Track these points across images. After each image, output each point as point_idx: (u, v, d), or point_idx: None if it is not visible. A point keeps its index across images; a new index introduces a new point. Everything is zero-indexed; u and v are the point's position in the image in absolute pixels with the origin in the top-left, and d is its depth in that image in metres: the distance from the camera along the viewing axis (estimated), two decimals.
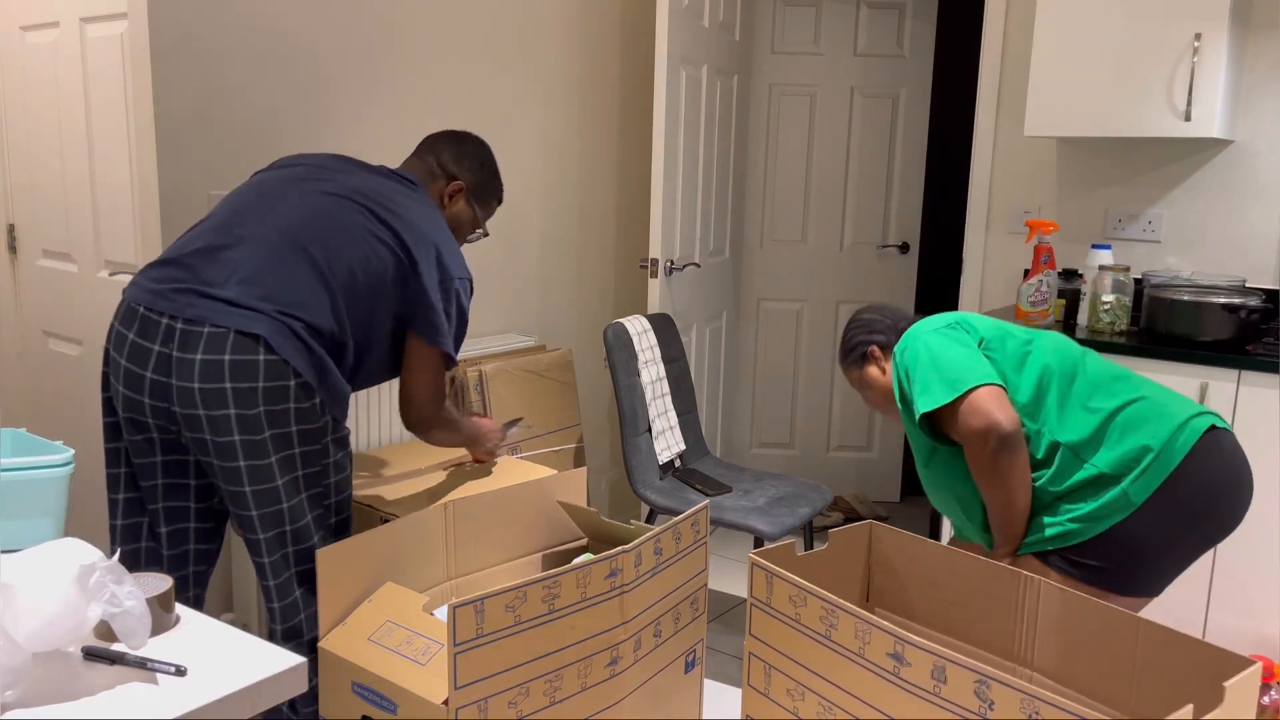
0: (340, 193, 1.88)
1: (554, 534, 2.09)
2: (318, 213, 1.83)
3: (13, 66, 2.84)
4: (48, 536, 1.33)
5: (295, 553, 1.79)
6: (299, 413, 1.74)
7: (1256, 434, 2.46)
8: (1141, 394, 1.86)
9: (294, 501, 1.77)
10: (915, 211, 4.04)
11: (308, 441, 1.77)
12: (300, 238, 1.79)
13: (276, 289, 1.74)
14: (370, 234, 1.85)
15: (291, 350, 1.72)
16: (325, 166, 1.95)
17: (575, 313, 3.45)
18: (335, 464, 1.83)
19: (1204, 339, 2.53)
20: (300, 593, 1.80)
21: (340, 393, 1.81)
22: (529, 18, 3.09)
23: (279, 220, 1.81)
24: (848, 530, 1.81)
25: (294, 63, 2.45)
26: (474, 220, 2.14)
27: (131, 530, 1.84)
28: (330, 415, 1.80)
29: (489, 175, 2.14)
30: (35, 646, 1.03)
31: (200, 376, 1.68)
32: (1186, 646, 1.45)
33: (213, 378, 1.68)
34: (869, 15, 3.88)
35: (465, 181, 2.10)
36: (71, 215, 2.70)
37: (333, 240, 1.81)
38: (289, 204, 1.84)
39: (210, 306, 1.71)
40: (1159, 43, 2.65)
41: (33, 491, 1.34)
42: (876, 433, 4.17)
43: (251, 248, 1.77)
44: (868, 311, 2.12)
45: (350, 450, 1.90)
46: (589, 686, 1.67)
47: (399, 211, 1.90)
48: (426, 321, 1.90)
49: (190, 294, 1.73)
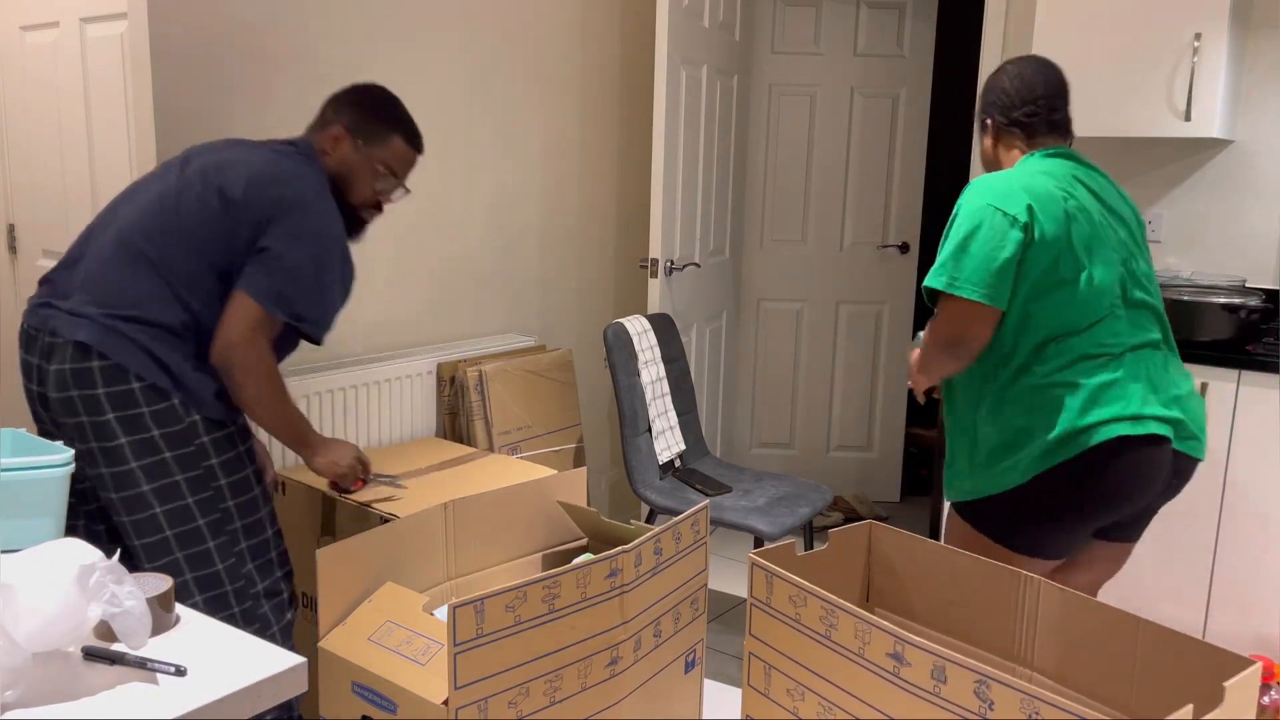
0: (187, 176, 1.81)
1: (554, 534, 2.09)
2: (153, 205, 1.80)
3: (13, 66, 2.84)
4: (48, 537, 1.33)
5: (187, 561, 1.77)
6: (156, 416, 1.72)
7: (1257, 434, 2.46)
8: (1103, 380, 1.84)
9: (171, 506, 1.74)
10: (915, 211, 4.04)
11: (177, 444, 1.74)
12: (133, 236, 1.77)
13: (112, 293, 1.74)
14: (201, 206, 1.77)
15: (126, 353, 1.71)
16: (199, 153, 1.87)
17: (575, 313, 3.45)
18: (223, 464, 1.79)
19: (1204, 339, 2.53)
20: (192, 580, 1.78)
21: (204, 391, 1.76)
22: (529, 18, 3.09)
23: (118, 223, 1.81)
24: (848, 530, 1.81)
25: (294, 62, 2.45)
26: (370, 166, 1.93)
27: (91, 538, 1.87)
28: (199, 415, 1.75)
29: (372, 111, 1.95)
30: (35, 646, 1.03)
31: (54, 387, 1.72)
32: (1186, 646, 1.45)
33: (63, 387, 1.71)
34: (869, 15, 3.88)
35: (343, 122, 1.92)
36: (71, 215, 2.70)
37: (167, 227, 1.76)
38: (132, 204, 1.83)
39: (59, 318, 1.75)
40: (1159, 43, 2.65)
41: (33, 492, 1.34)
42: (876, 433, 4.17)
43: (93, 255, 1.80)
44: (1005, 77, 2.02)
45: (251, 445, 1.85)
46: (589, 686, 1.67)
47: (229, 165, 1.80)
48: (248, 269, 1.76)
49: (49, 307, 1.78)
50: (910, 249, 4.04)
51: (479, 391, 2.70)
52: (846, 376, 4.12)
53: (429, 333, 2.89)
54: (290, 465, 2.37)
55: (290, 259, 1.77)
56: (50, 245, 2.81)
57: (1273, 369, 2.43)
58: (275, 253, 1.76)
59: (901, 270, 4.06)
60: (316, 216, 1.81)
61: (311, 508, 2.23)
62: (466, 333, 3.02)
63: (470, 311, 3.03)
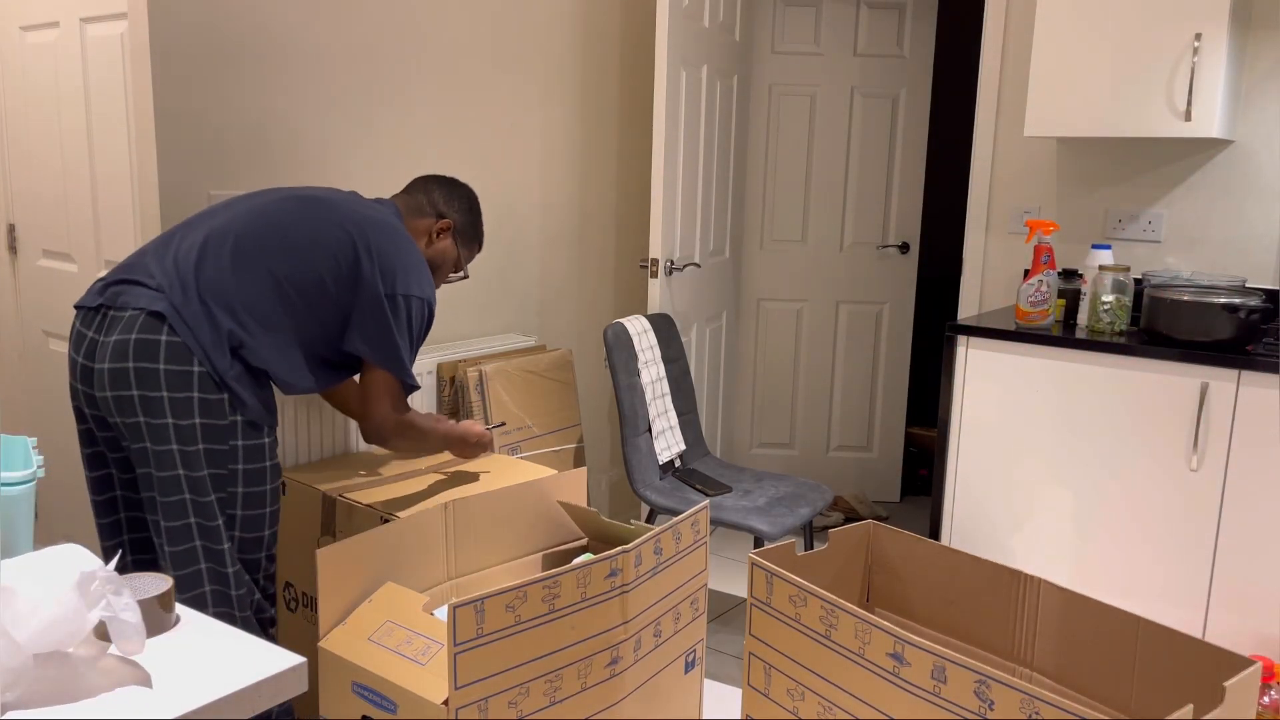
0: (293, 195, 1.94)
1: (554, 534, 2.09)
2: (255, 210, 1.89)
3: (13, 66, 2.84)
4: (19, 551, 1.33)
5: (205, 553, 1.78)
6: (204, 405, 1.74)
7: (1257, 434, 2.46)
8: None
9: (204, 499, 1.75)
10: (915, 211, 4.04)
11: (212, 439, 1.75)
12: (235, 231, 1.84)
13: (202, 277, 1.78)
14: (322, 231, 1.88)
15: (196, 333, 1.74)
16: (286, 190, 2.00)
17: (575, 313, 3.45)
18: (245, 473, 1.80)
19: (1204, 339, 2.53)
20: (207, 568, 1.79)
21: (251, 396, 1.79)
22: (529, 18, 3.09)
23: (214, 223, 1.87)
24: (848, 530, 1.81)
25: (294, 62, 2.45)
26: (457, 261, 2.20)
27: (110, 528, 1.91)
28: (240, 416, 1.77)
29: (475, 219, 2.21)
30: (36, 648, 1.03)
31: (111, 357, 1.73)
32: (1186, 646, 1.45)
33: (120, 358, 1.72)
34: (869, 15, 3.88)
35: (454, 220, 2.16)
36: (71, 215, 2.70)
37: (272, 232, 1.85)
38: (229, 214, 1.90)
39: (132, 292, 1.78)
40: (1159, 43, 2.65)
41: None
42: (876, 433, 4.17)
43: (189, 244, 1.84)
44: None
45: (272, 464, 1.85)
46: (589, 686, 1.67)
47: (362, 216, 1.94)
48: (370, 337, 1.91)
49: (127, 284, 1.80)
50: (910, 249, 4.04)
51: (479, 391, 2.70)
52: (846, 376, 4.12)
53: (429, 332, 2.89)
54: (290, 465, 2.37)
55: (394, 325, 1.94)
56: (50, 245, 2.81)
57: (1273, 369, 2.42)
58: (376, 315, 1.92)
59: (901, 270, 4.06)
60: (417, 287, 1.99)
61: (311, 508, 2.23)
62: (466, 333, 3.03)
63: (470, 311, 3.03)
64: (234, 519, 1.80)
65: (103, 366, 1.73)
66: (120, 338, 1.72)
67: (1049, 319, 2.81)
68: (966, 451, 2.79)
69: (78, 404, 1.84)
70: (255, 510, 1.82)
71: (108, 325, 1.76)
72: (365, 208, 1.98)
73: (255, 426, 1.80)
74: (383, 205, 2.07)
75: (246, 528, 1.82)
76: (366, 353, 1.91)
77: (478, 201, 2.23)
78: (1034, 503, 2.70)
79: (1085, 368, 2.60)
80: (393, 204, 2.10)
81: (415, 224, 2.12)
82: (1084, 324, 2.86)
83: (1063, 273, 2.99)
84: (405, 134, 2.75)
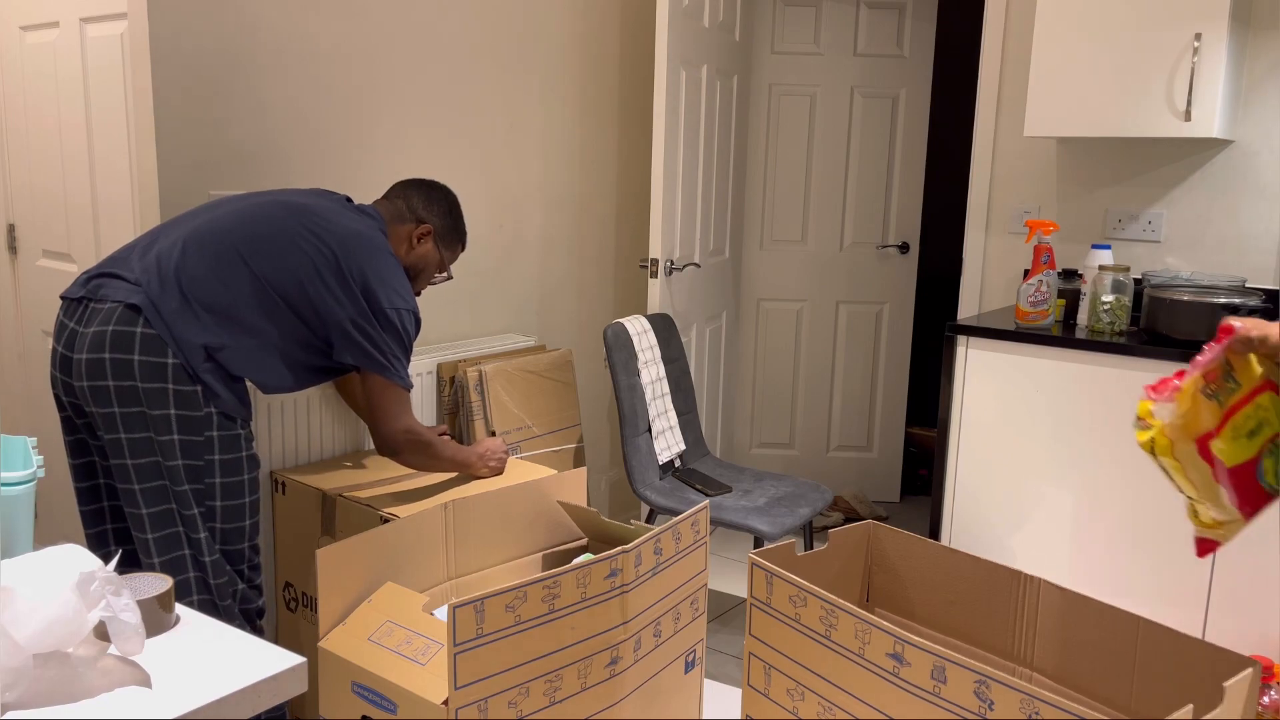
0: (277, 201, 1.98)
1: (554, 534, 2.09)
2: (240, 214, 1.93)
3: (13, 66, 2.84)
4: (19, 551, 1.33)
5: (187, 538, 1.82)
6: (179, 396, 1.78)
7: None
8: None
9: (179, 489, 1.79)
10: (915, 211, 4.04)
11: (187, 430, 1.79)
12: (220, 232, 1.89)
13: (184, 275, 1.82)
14: (303, 240, 1.92)
15: (171, 327, 1.78)
16: (272, 194, 2.04)
17: (575, 313, 3.45)
18: (222, 463, 1.83)
19: (1204, 339, 2.53)
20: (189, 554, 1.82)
21: (224, 389, 1.83)
22: (529, 18, 3.09)
23: (198, 222, 1.92)
24: (848, 530, 1.81)
25: (294, 62, 2.45)
26: (439, 263, 2.22)
27: (93, 516, 1.94)
28: (214, 409, 1.81)
29: (456, 220, 2.23)
30: (36, 648, 1.03)
31: (88, 348, 1.77)
32: (1186, 646, 1.45)
33: (98, 349, 1.76)
34: (869, 15, 3.88)
35: (434, 225, 2.18)
36: (71, 215, 2.70)
37: (257, 237, 1.90)
38: (214, 214, 1.94)
39: (112, 285, 1.82)
40: (1159, 43, 2.65)
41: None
42: (876, 433, 4.17)
43: (170, 242, 1.88)
44: None
45: (249, 455, 1.89)
46: (589, 686, 1.67)
47: (345, 230, 1.98)
48: (365, 354, 1.96)
49: (109, 277, 1.85)
50: (910, 249, 4.04)
51: (479, 391, 2.70)
52: (846, 376, 4.12)
53: (429, 332, 2.89)
54: (290, 465, 2.37)
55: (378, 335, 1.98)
56: (50, 245, 2.81)
57: None
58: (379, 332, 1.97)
59: (901, 270, 4.06)
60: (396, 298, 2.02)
61: (311, 508, 2.23)
62: (466, 332, 3.03)
63: (470, 311, 3.03)
64: (214, 510, 1.84)
65: (80, 356, 1.78)
66: (98, 329, 1.77)
67: (1049, 319, 2.81)
68: (966, 451, 2.79)
69: (57, 392, 1.88)
70: (235, 500, 1.86)
71: (87, 317, 1.81)
72: (349, 220, 2.01)
73: (229, 418, 1.84)
74: (368, 214, 2.09)
75: (227, 518, 1.86)
76: (366, 365, 1.96)
77: (457, 202, 2.25)
78: (1034, 503, 2.70)
79: (1085, 368, 2.60)
80: (378, 212, 2.13)
81: (396, 230, 2.14)
82: (1084, 324, 2.86)
83: (1063, 273, 2.99)
84: (405, 133, 2.75)
